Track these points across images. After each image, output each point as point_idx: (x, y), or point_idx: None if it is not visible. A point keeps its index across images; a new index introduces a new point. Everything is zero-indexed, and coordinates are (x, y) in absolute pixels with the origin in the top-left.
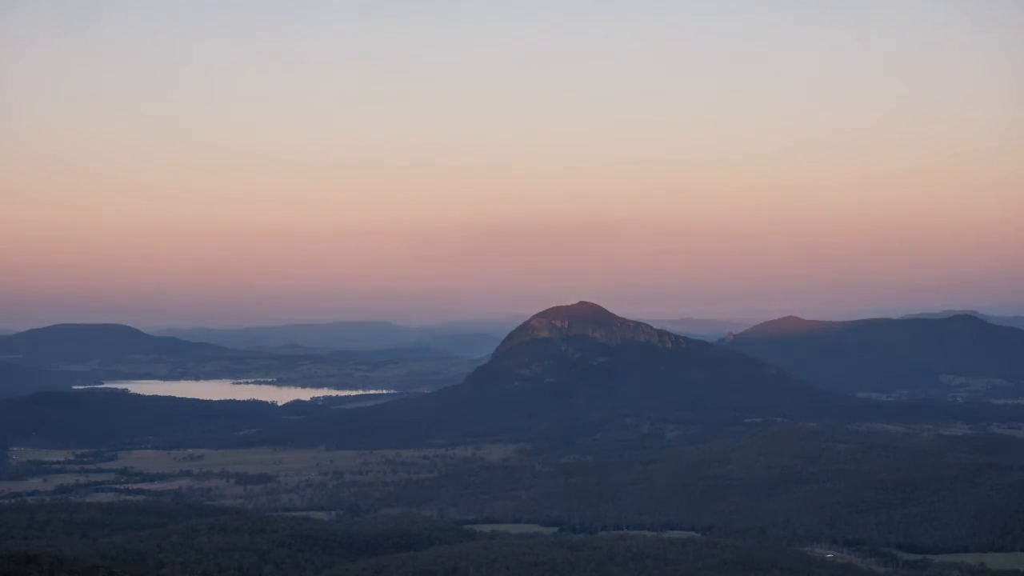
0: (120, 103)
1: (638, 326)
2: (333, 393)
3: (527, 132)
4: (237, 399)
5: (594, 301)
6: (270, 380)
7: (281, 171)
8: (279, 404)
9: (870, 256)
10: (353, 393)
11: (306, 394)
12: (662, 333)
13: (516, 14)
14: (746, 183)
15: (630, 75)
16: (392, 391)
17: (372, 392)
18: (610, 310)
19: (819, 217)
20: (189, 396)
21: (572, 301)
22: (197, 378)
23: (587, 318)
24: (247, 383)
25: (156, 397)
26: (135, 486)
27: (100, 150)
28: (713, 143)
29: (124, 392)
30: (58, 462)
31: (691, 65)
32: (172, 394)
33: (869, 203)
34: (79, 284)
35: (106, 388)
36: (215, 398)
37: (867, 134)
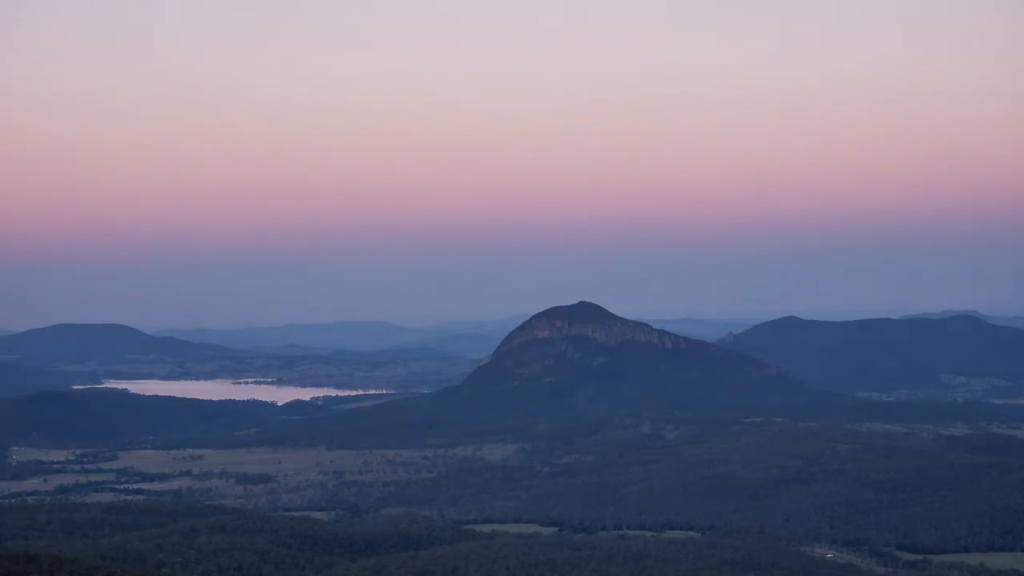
0: (121, 100)
1: (638, 326)
2: (333, 393)
3: (527, 129)
4: (237, 399)
5: (594, 301)
6: (270, 380)
7: (280, 166)
8: (279, 404)
9: (870, 255)
10: (353, 393)
11: (306, 394)
12: (662, 333)
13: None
14: (747, 181)
15: (629, 70)
16: (392, 391)
17: (372, 392)
18: (610, 310)
19: (820, 216)
20: (189, 396)
21: (572, 301)
22: (197, 378)
23: (587, 318)
24: (247, 383)
25: (156, 397)
26: (135, 486)
27: (101, 147)
28: (713, 141)
29: (124, 392)
30: (58, 462)
31: (692, 60)
32: (172, 394)
33: (869, 202)
34: (79, 284)
35: (106, 388)
36: (215, 398)
37: (867, 133)
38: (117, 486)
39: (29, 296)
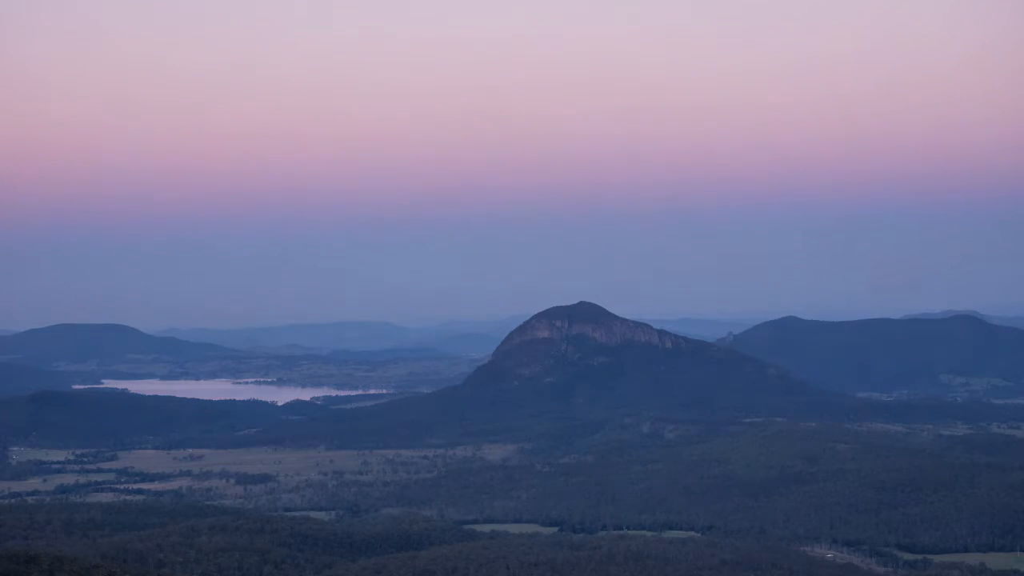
0: (117, 96)
1: (638, 326)
2: (333, 393)
3: (525, 129)
4: (237, 399)
5: (594, 301)
6: (270, 380)
7: (279, 166)
8: (279, 404)
9: (870, 255)
10: (353, 393)
11: (306, 394)
12: (662, 333)
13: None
14: (746, 181)
15: (629, 65)
16: (392, 391)
17: (372, 392)
18: (610, 310)
19: (820, 216)
20: (189, 396)
21: (572, 301)
22: (197, 378)
23: (587, 318)
24: (247, 383)
25: (156, 397)
26: (135, 486)
27: (103, 148)
28: (712, 140)
29: (124, 392)
30: (58, 462)
31: (693, 61)
32: (172, 394)
33: (868, 202)
34: (79, 284)
35: (106, 388)
36: (215, 398)
37: (866, 132)
38: (117, 486)
39: (29, 296)
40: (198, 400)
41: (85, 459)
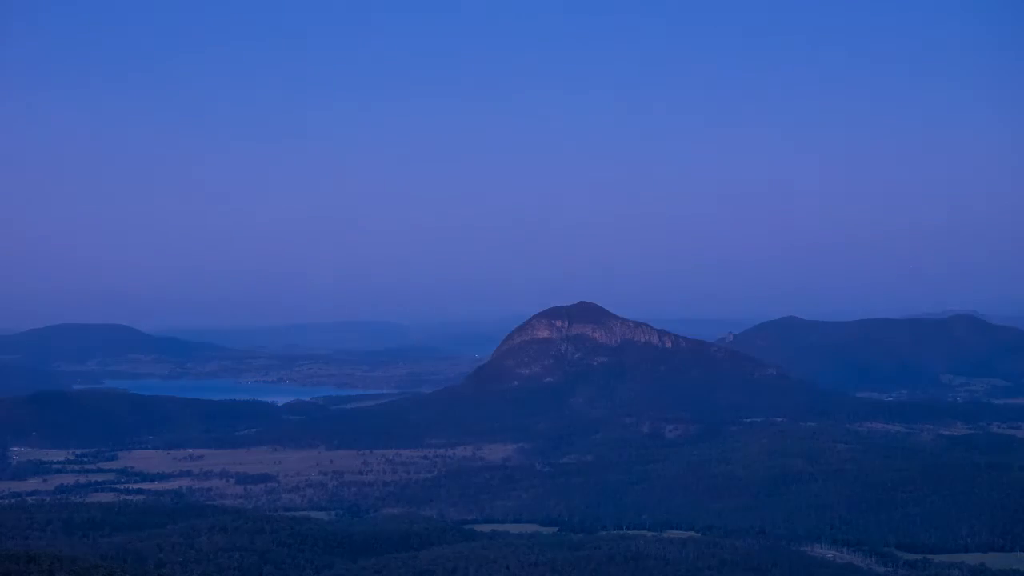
0: (126, 109)
1: (638, 326)
2: (333, 393)
3: (525, 129)
4: (237, 399)
5: (594, 301)
6: (270, 380)
7: (279, 166)
8: (279, 404)
9: (870, 255)
10: (353, 393)
11: (306, 394)
12: (662, 333)
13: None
14: (747, 179)
15: (629, 72)
16: (392, 391)
17: (372, 392)
18: (610, 310)
19: (820, 216)
20: (189, 396)
21: (572, 301)
22: (197, 378)
23: (587, 318)
24: (247, 383)
25: (156, 397)
26: (135, 486)
27: (105, 151)
28: (710, 143)
29: (124, 392)
30: (58, 462)
31: (687, 66)
32: (172, 394)
33: (868, 202)
34: (79, 284)
35: (106, 388)
36: (215, 398)
37: (863, 133)
38: (117, 486)
39: (29, 296)
40: (198, 400)
41: (85, 459)
